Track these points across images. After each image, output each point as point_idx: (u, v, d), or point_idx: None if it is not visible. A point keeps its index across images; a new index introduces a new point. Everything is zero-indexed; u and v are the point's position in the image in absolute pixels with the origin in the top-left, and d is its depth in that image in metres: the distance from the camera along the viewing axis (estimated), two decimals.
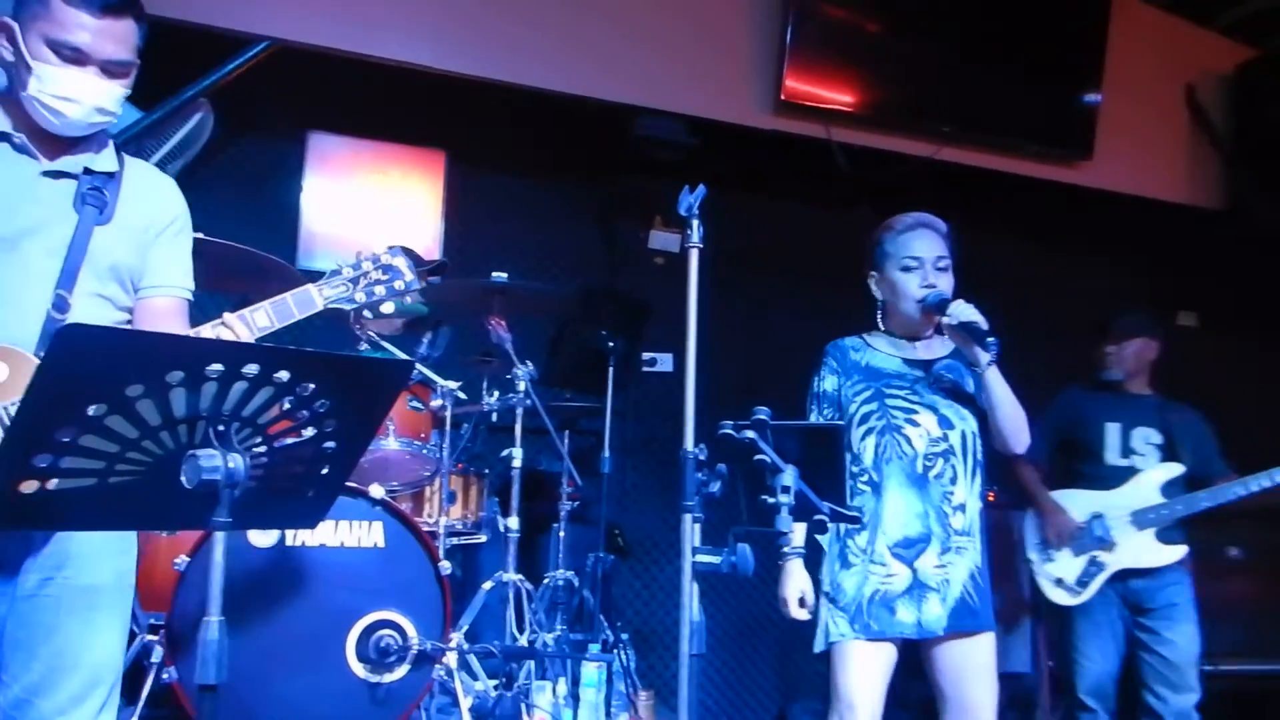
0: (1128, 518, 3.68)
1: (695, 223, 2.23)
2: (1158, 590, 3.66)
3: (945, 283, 2.64)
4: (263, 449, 1.73)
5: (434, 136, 4.97)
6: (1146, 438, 3.78)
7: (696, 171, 4.95)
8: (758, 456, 2.08)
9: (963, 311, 2.52)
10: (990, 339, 2.48)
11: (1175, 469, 3.70)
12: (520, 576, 3.39)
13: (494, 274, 3.49)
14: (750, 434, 2.10)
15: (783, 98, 4.77)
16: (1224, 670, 4.57)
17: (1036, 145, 5.28)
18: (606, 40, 4.61)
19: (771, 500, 2.07)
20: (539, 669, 3.26)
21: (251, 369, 1.59)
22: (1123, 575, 3.69)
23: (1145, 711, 3.65)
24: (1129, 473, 3.74)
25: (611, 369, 4.00)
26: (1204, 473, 3.74)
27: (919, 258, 2.64)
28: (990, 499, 4.51)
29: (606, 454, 3.92)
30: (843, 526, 2.53)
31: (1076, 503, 3.78)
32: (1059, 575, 3.76)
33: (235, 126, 4.46)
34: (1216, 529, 4.81)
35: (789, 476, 2.07)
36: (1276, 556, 4.91)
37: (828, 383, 2.69)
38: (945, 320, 2.55)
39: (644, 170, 5.05)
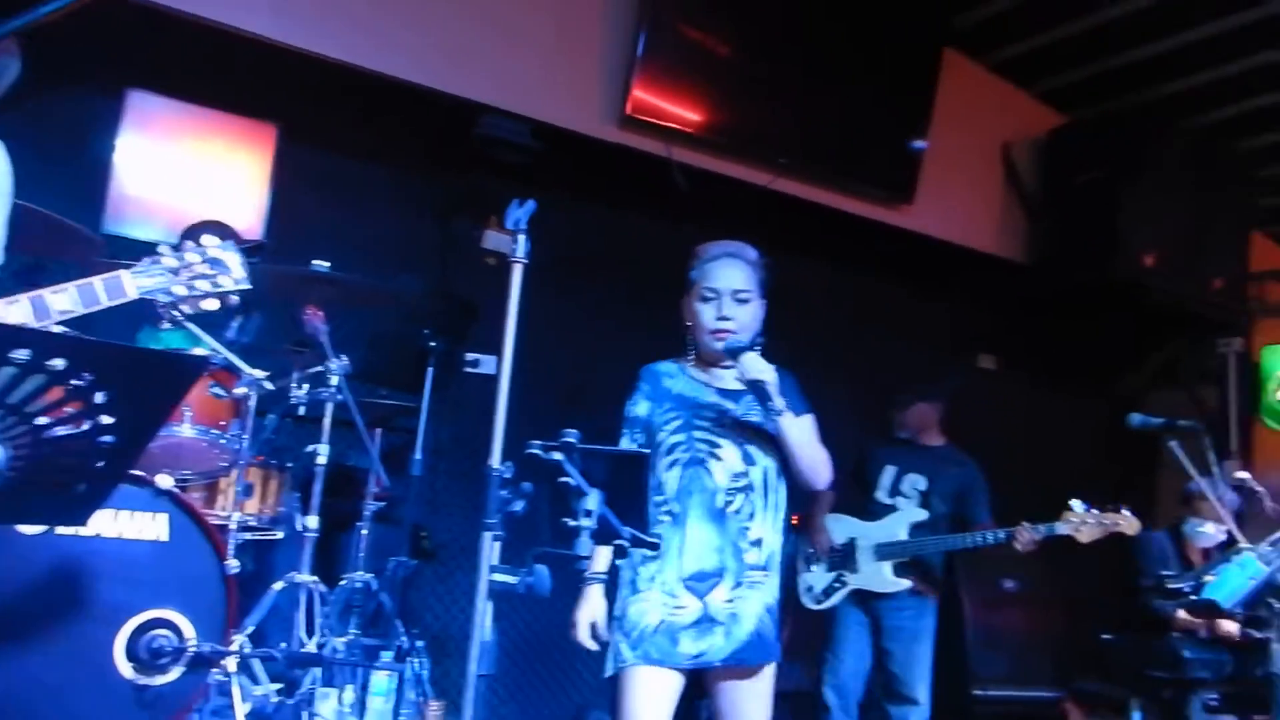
0: (873, 548, 4.15)
1: (521, 237, 2.21)
2: (896, 613, 4.12)
3: (744, 315, 2.60)
4: (28, 440, 1.60)
5: (267, 109, 4.73)
6: (914, 483, 4.23)
7: (539, 175, 4.96)
8: (563, 478, 2.08)
9: (750, 368, 2.48)
10: (771, 403, 2.47)
11: (921, 514, 4.14)
12: (315, 578, 3.26)
13: (315, 262, 3.35)
14: (557, 455, 2.09)
15: (628, 112, 4.80)
16: (993, 695, 4.90)
17: (864, 185, 5.51)
18: (457, 33, 4.52)
19: (573, 523, 2.07)
20: (326, 675, 3.15)
21: (21, 354, 1.47)
22: (868, 597, 4.15)
23: (881, 717, 4.09)
24: (890, 510, 4.21)
25: (432, 368, 3.92)
26: (967, 519, 4.16)
27: (717, 290, 2.61)
28: (794, 522, 4.70)
29: (419, 455, 3.84)
30: (638, 554, 2.50)
31: (841, 526, 4.25)
32: (810, 584, 4.26)
33: (47, 74, 4.13)
34: (995, 563, 5.16)
35: (593, 500, 2.07)
36: (1047, 590, 5.28)
37: (640, 407, 2.66)
38: (740, 376, 2.52)
39: (485, 169, 4.97)
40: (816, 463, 2.60)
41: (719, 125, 5.04)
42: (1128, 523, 3.65)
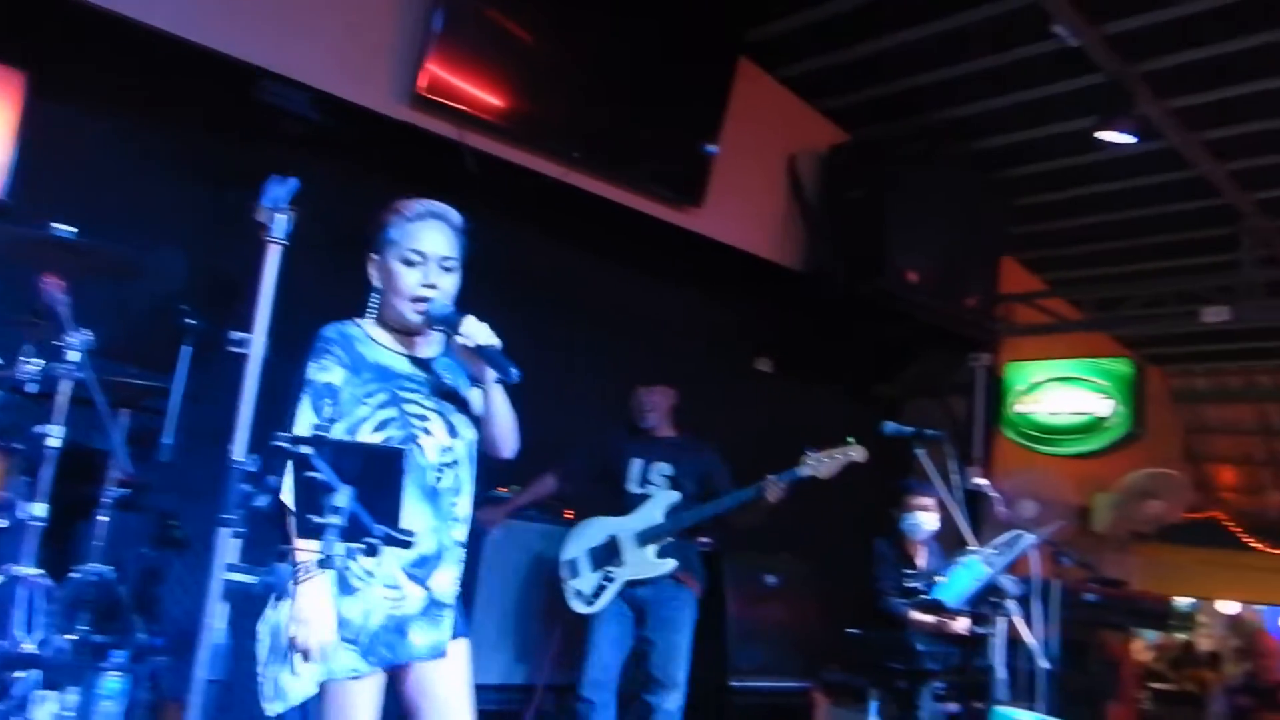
0: (634, 537, 4.25)
1: (281, 217, 2.09)
2: (659, 604, 4.21)
3: (448, 283, 2.44)
4: None
5: (14, 54, 4.29)
6: (661, 471, 4.37)
7: (323, 147, 4.75)
8: (311, 473, 1.99)
9: (478, 334, 2.35)
10: (511, 366, 2.35)
11: (675, 496, 4.28)
12: (40, 571, 2.99)
13: (56, 225, 3.07)
14: (306, 449, 2.00)
15: (419, 90, 4.67)
16: (749, 685, 5.10)
17: (656, 185, 5.60)
18: None
19: (320, 519, 1.98)
20: (47, 677, 2.89)
21: None
22: (631, 585, 4.23)
23: (640, 707, 4.15)
24: (644, 499, 4.32)
25: (190, 347, 3.67)
26: (715, 496, 4.30)
27: (424, 253, 2.42)
28: (568, 515, 4.73)
29: (168, 438, 3.59)
30: (341, 549, 2.33)
31: (600, 526, 4.32)
32: (578, 589, 4.28)
33: None
34: (759, 559, 5.37)
35: (343, 496, 1.99)
36: (805, 585, 5.55)
37: (333, 374, 2.35)
38: (459, 340, 2.38)
39: (264, 138, 4.71)
40: (510, 430, 2.53)
41: (514, 113, 4.98)
42: (857, 452, 3.96)
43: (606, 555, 4.26)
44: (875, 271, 5.84)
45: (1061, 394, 7.55)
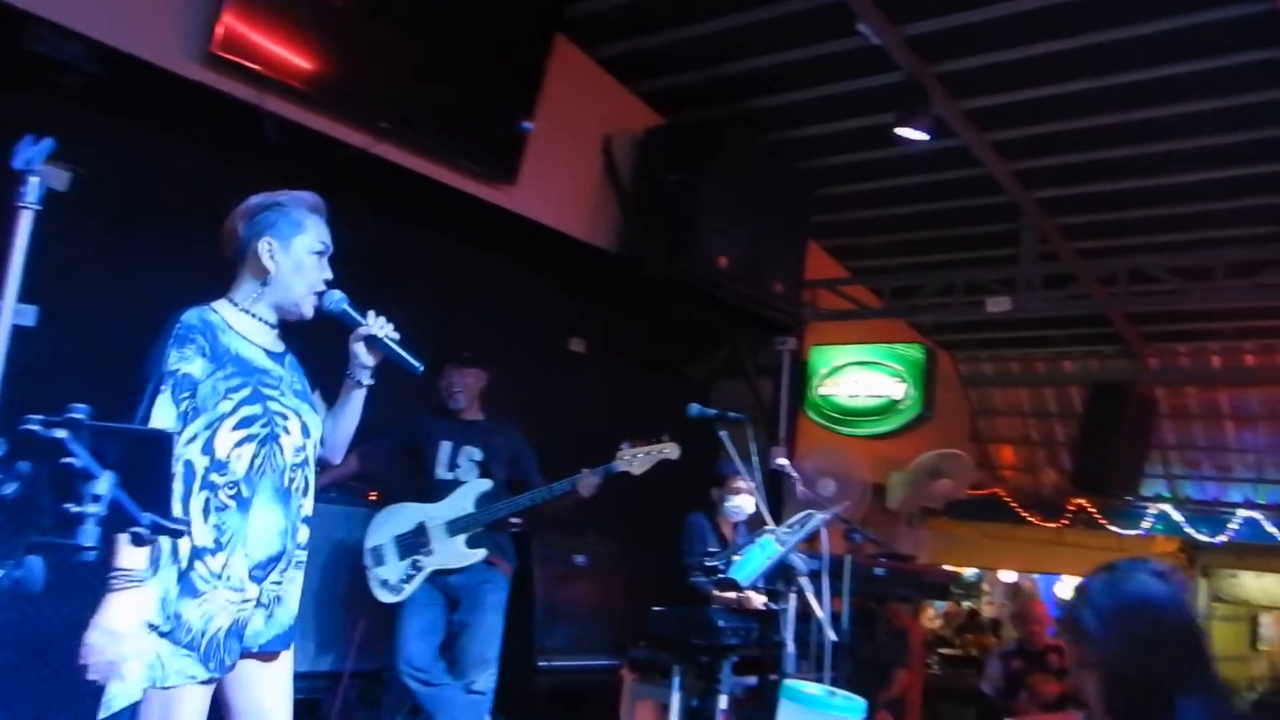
0: (444, 526, 4.18)
1: (35, 179, 1.91)
2: (470, 588, 4.19)
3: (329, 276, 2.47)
4: None
5: None
6: (470, 455, 4.32)
7: (106, 103, 4.38)
8: (66, 459, 1.83)
9: (388, 330, 2.41)
10: (410, 361, 2.39)
11: (486, 484, 4.25)
12: None
13: None
14: (61, 432, 1.84)
15: (214, 49, 4.39)
16: (556, 665, 5.11)
17: (468, 160, 5.47)
18: None
19: (76, 509, 1.83)
20: None
21: None
22: (442, 574, 4.17)
23: (453, 688, 4.12)
24: (453, 486, 4.25)
25: None
26: (521, 482, 4.33)
27: (327, 245, 2.42)
28: (373, 497, 4.59)
29: None
30: (186, 548, 2.17)
31: (407, 513, 4.23)
32: (383, 578, 4.19)
33: None
34: (569, 540, 5.38)
35: (103, 483, 1.84)
36: (614, 564, 5.60)
37: (195, 366, 2.21)
38: (364, 332, 2.39)
39: (39, 90, 4.31)
40: (351, 435, 2.54)
41: (319, 77, 4.75)
42: (671, 449, 4.08)
43: (414, 543, 4.17)
44: (686, 255, 5.92)
45: (860, 377, 7.92)
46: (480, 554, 4.15)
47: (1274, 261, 6.18)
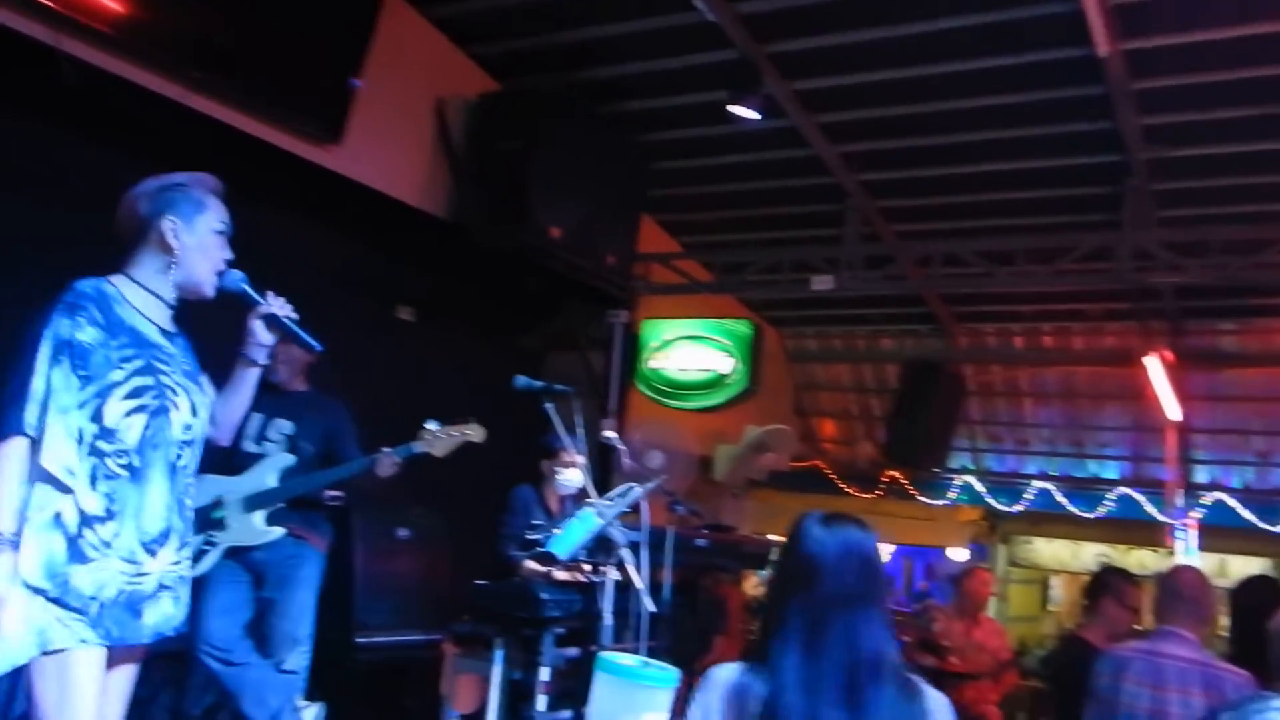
0: (241, 501, 3.99)
1: None
2: (277, 564, 4.03)
3: None
4: None
5: None
6: (280, 428, 4.15)
7: None
8: None
9: (287, 310, 2.53)
10: (307, 341, 2.53)
11: (289, 459, 4.07)
12: None
13: None
14: None
15: None
16: (377, 641, 5.00)
17: (290, 117, 5.23)
18: None
19: None
20: None
21: None
22: (243, 550, 3.99)
23: (260, 667, 3.95)
24: (257, 459, 4.07)
25: None
26: (336, 458, 4.16)
27: (228, 225, 2.50)
28: None
29: None
30: (72, 514, 2.18)
31: (205, 486, 3.93)
32: None
33: None
34: (390, 512, 5.26)
35: None
36: (437, 538, 5.51)
37: (87, 333, 2.23)
38: (264, 310, 2.51)
39: None
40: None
41: (124, 19, 4.42)
42: (475, 432, 3.99)
43: (209, 519, 3.94)
44: (519, 224, 5.85)
45: (690, 351, 8.05)
46: (278, 531, 3.98)
47: (1068, 249, 6.61)
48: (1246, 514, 8.86)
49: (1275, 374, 8.52)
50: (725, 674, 1.88)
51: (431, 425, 3.93)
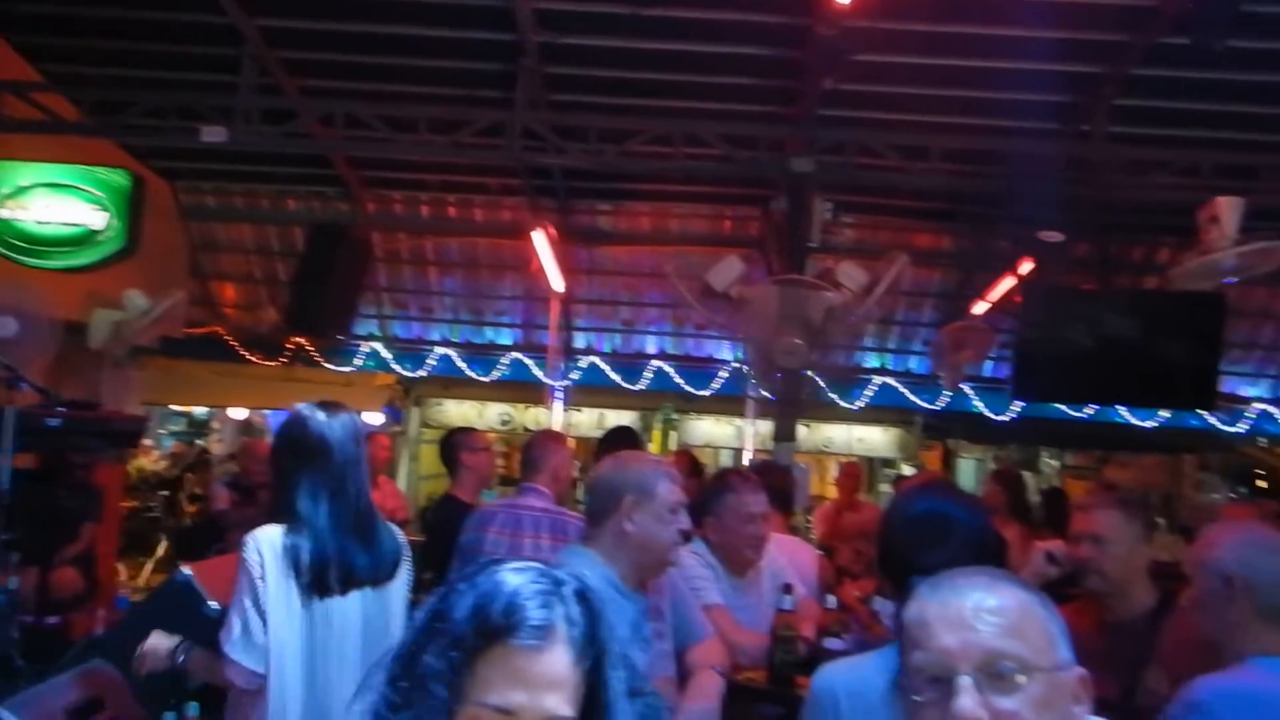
0: None
1: None
2: None
3: None
4: None
5: None
6: None
7: None
8: None
9: None
10: None
11: None
12: None
13: None
14: None
15: None
16: None
17: None
18: None
19: None
20: None
21: None
22: None
23: None
24: None
25: None
26: None
27: None
28: None
29: None
30: None
31: None
32: None
33: None
34: None
35: None
36: None
37: None
38: None
39: None
40: None
41: None
42: None
43: None
44: None
45: (53, 202, 6.94)
46: None
47: (467, 123, 6.77)
48: (614, 375, 10.13)
49: (640, 252, 9.69)
50: (270, 536, 2.40)
51: None
